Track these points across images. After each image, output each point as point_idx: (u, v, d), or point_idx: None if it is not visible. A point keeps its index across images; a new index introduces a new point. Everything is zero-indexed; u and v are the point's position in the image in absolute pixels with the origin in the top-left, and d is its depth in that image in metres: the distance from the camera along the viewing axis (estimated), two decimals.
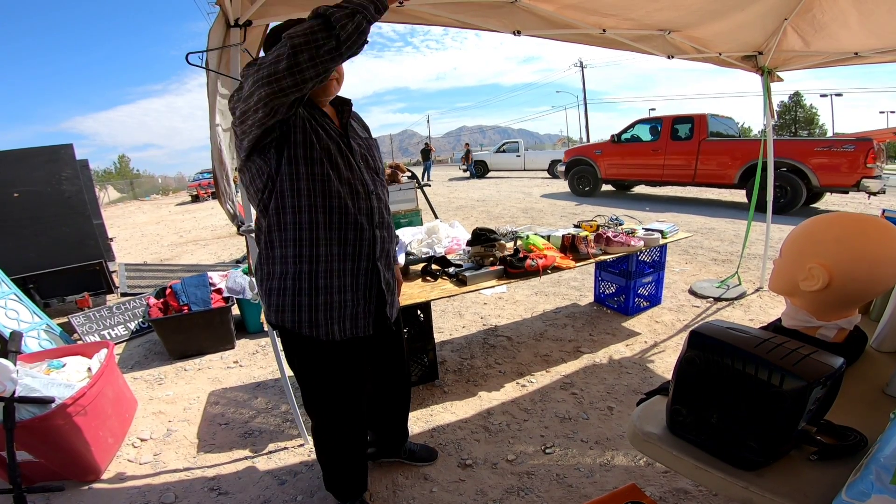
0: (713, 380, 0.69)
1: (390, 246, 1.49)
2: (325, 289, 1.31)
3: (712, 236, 5.67)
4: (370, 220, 1.37)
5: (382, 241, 1.43)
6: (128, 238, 9.28)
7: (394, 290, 1.53)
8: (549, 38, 2.67)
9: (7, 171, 3.60)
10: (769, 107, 3.48)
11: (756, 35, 3.11)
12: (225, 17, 1.77)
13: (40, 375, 2.08)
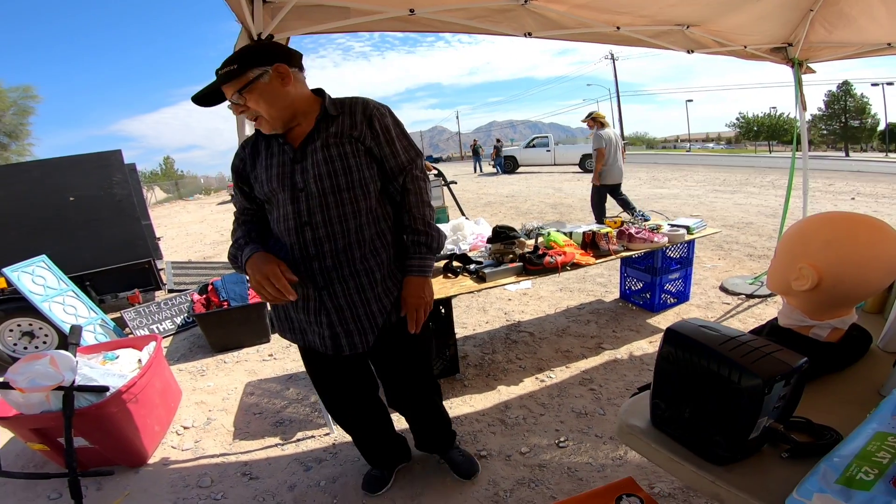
0: (685, 376, 0.73)
1: (346, 272, 1.33)
2: (288, 308, 1.43)
3: (749, 231, 5.49)
4: (304, 254, 1.31)
5: (324, 271, 1.32)
6: (174, 237, 9.79)
7: (354, 318, 1.37)
8: (562, 39, 2.67)
9: (63, 177, 3.90)
10: (801, 99, 3.37)
11: (779, 27, 3.01)
12: (248, 33, 1.88)
13: (97, 366, 2.27)
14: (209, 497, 1.90)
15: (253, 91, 1.23)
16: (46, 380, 1.86)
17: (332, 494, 1.84)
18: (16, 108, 17.26)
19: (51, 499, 1.99)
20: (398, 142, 1.37)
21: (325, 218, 1.30)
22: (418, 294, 1.41)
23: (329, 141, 1.31)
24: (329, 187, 1.29)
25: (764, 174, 12.14)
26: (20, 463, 2.26)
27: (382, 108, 1.37)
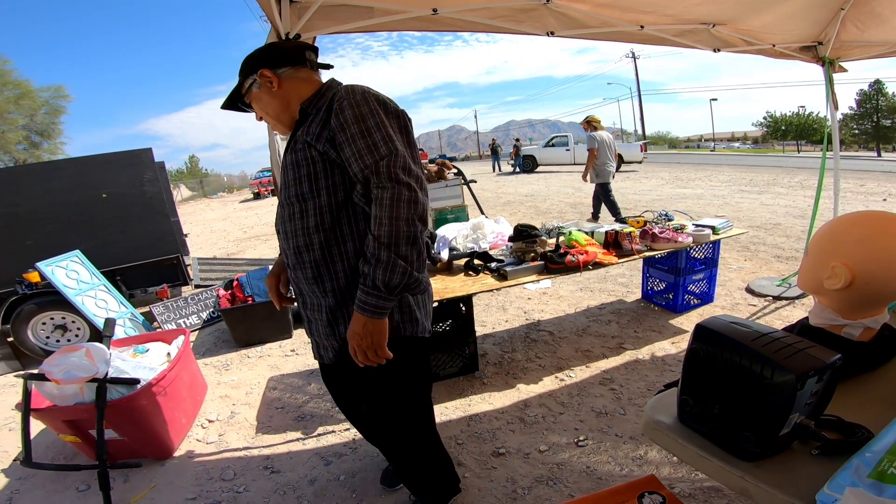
0: (715, 371, 0.73)
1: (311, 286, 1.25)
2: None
3: (777, 232, 5.35)
4: (286, 261, 1.31)
5: (294, 280, 1.29)
6: (198, 234, 10.04)
7: (316, 331, 1.32)
8: (585, 38, 2.66)
9: (96, 175, 4.04)
10: (832, 98, 3.29)
11: (808, 26, 2.95)
12: (276, 32, 1.92)
13: (128, 359, 2.33)
14: (232, 490, 1.93)
15: (252, 99, 1.27)
16: (81, 371, 1.90)
17: (352, 489, 1.86)
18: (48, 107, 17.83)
19: (79, 491, 2.02)
20: (359, 140, 1.09)
21: (284, 230, 1.26)
22: (354, 332, 1.13)
23: (296, 146, 1.20)
24: (285, 198, 1.23)
25: (792, 174, 11.81)
26: (50, 455, 2.32)
27: (345, 98, 1.12)
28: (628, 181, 12.34)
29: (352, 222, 1.19)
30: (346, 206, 1.18)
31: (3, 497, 2.05)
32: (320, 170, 1.16)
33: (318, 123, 1.16)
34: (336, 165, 1.15)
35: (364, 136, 1.09)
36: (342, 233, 1.19)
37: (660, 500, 1.08)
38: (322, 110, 1.18)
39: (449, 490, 1.66)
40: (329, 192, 1.17)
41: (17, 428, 2.58)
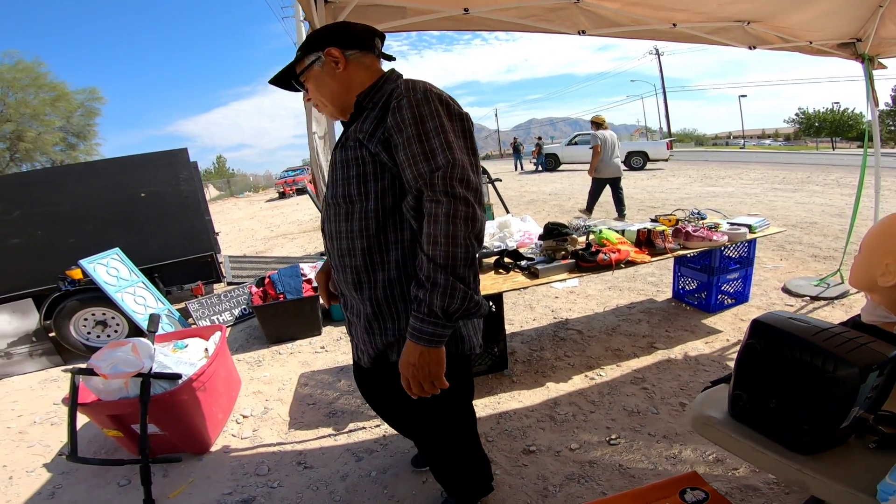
0: (772, 366, 0.73)
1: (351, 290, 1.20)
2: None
3: (813, 231, 5.19)
4: (331, 263, 1.27)
5: (339, 282, 1.25)
6: (228, 233, 10.27)
7: (356, 334, 1.27)
8: (616, 36, 2.64)
9: (135, 174, 4.18)
10: (872, 94, 3.18)
11: (846, 23, 2.86)
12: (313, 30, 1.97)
13: (170, 354, 2.38)
14: (266, 485, 1.96)
15: (309, 77, 1.17)
16: (128, 366, 1.95)
17: (383, 485, 1.88)
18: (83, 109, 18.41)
19: (120, 486, 2.07)
20: (415, 144, 1.00)
21: (328, 230, 1.20)
22: (407, 362, 1.04)
23: (347, 142, 1.13)
24: (331, 197, 1.17)
25: (828, 172, 11.41)
26: (91, 449, 2.37)
27: (405, 96, 1.03)
28: (654, 179, 12.12)
29: (397, 231, 1.11)
30: (394, 213, 1.10)
31: (47, 492, 2.10)
32: (370, 171, 1.08)
33: (373, 120, 1.07)
34: (388, 169, 1.07)
35: (421, 140, 0.99)
36: (386, 241, 1.11)
37: (702, 496, 1.07)
38: (378, 106, 1.09)
39: (482, 489, 1.64)
40: (377, 196, 1.08)
41: (59, 422, 2.70)
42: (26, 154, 16.80)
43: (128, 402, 1.98)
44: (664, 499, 1.06)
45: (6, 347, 3.55)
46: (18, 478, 2.24)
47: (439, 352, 1.02)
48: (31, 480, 2.21)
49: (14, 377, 3.53)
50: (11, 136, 16.48)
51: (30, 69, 16.43)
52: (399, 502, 1.78)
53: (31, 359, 3.62)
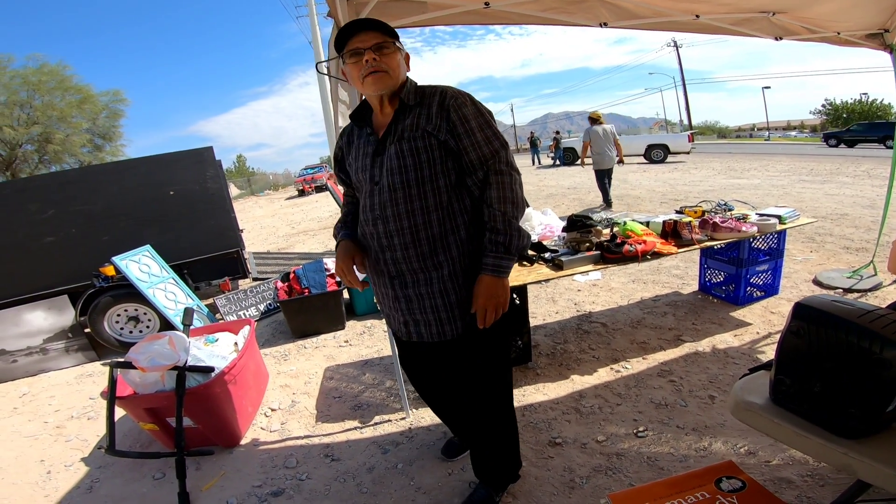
0: (817, 350, 0.72)
1: (415, 265, 1.37)
2: (374, 286, 1.54)
3: (844, 223, 5.04)
4: (379, 245, 1.39)
5: (395, 262, 1.38)
6: (250, 230, 10.44)
7: (420, 309, 1.40)
8: (638, 28, 2.60)
9: (163, 173, 4.29)
10: None
11: (874, 14, 2.78)
12: (337, 28, 1.98)
13: (203, 348, 2.43)
14: (295, 477, 1.99)
15: (389, 51, 1.30)
16: (165, 359, 1.99)
17: (409, 477, 1.90)
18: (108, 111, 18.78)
19: (155, 479, 2.11)
20: (477, 133, 1.32)
21: (394, 213, 1.33)
22: (489, 294, 1.32)
23: (403, 134, 1.32)
24: (399, 182, 1.32)
25: (857, 163, 11.04)
26: (127, 443, 2.42)
27: (462, 97, 1.33)
28: (676, 172, 11.90)
29: (461, 201, 1.36)
30: (457, 186, 1.36)
31: (85, 486, 2.15)
32: (438, 156, 1.31)
33: (431, 116, 1.31)
34: (451, 152, 1.32)
35: (482, 129, 1.32)
36: (454, 210, 1.35)
37: (739, 485, 1.06)
38: (423, 104, 1.33)
39: (513, 473, 1.72)
40: (446, 175, 1.33)
41: (95, 417, 2.79)
42: (55, 156, 17.26)
43: (164, 395, 2.03)
44: (699, 487, 1.06)
45: (43, 343, 3.68)
46: (57, 472, 2.30)
47: (508, 281, 1.35)
48: (69, 475, 2.27)
49: (51, 372, 3.64)
50: (39, 138, 16.91)
51: (55, 72, 16.78)
52: (426, 494, 1.80)
53: (67, 354, 3.74)
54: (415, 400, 2.46)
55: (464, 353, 1.47)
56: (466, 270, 1.37)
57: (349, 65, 1.31)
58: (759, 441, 1.82)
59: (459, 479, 1.84)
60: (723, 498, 0.99)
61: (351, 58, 1.30)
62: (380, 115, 1.38)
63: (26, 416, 2.98)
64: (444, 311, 1.39)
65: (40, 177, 5.55)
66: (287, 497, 1.89)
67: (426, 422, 2.26)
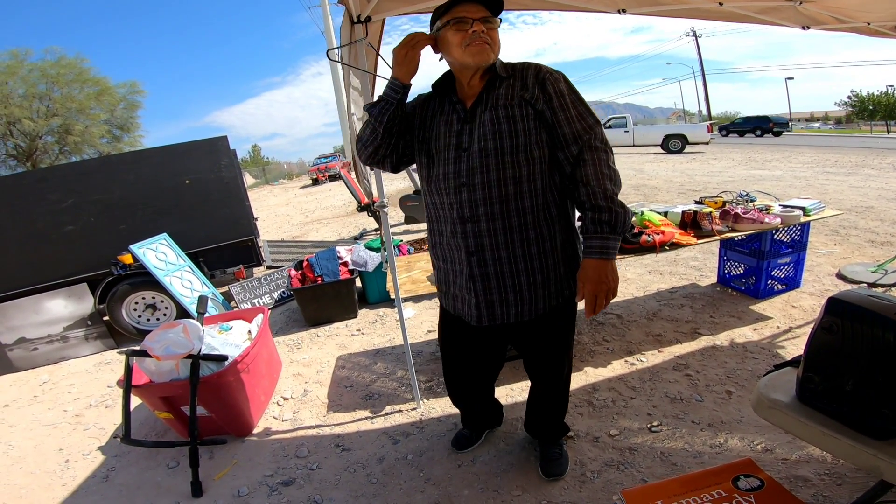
0: (851, 347, 0.68)
1: (499, 239, 1.33)
2: (439, 267, 1.51)
3: (870, 216, 4.88)
4: (460, 215, 1.34)
5: (477, 235, 1.33)
6: (265, 218, 10.53)
7: (500, 288, 1.37)
8: (658, 15, 2.50)
9: (179, 162, 4.31)
10: None
11: None
12: (349, 15, 1.94)
13: (216, 336, 2.43)
14: (306, 467, 1.99)
15: (493, 27, 1.31)
16: (179, 348, 2.00)
17: (419, 468, 1.89)
18: (125, 102, 19.05)
19: (169, 467, 2.12)
20: (573, 108, 1.29)
21: (483, 180, 1.29)
22: (599, 279, 1.26)
23: (498, 102, 1.30)
24: (492, 149, 1.28)
25: (883, 156, 10.70)
26: (143, 432, 2.44)
27: (556, 72, 1.32)
28: (695, 162, 11.66)
29: (552, 176, 1.33)
30: (550, 161, 1.32)
31: (101, 474, 2.17)
32: (533, 126, 1.28)
33: (532, 87, 1.29)
34: (546, 124, 1.29)
35: (576, 105, 1.29)
36: (546, 185, 1.31)
37: (757, 484, 1.03)
38: (517, 77, 1.32)
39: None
40: (540, 147, 1.29)
41: (113, 405, 2.82)
42: (75, 147, 17.58)
43: (178, 383, 2.03)
44: (716, 485, 1.03)
45: (63, 331, 3.75)
46: (75, 461, 2.33)
47: (615, 264, 1.28)
48: (86, 463, 2.29)
49: (71, 360, 3.70)
50: (60, 129, 17.23)
51: (73, 65, 17.03)
52: (435, 485, 1.79)
53: (86, 342, 3.81)
54: (426, 390, 2.46)
55: (544, 332, 1.47)
56: (555, 249, 1.34)
57: (451, 30, 1.28)
58: (777, 438, 1.78)
59: (469, 471, 1.83)
60: (740, 497, 0.96)
61: (455, 24, 1.28)
62: (466, 87, 1.36)
63: (46, 404, 3.03)
64: (528, 290, 1.35)
65: (60, 167, 5.63)
66: (297, 486, 1.90)
67: (437, 413, 2.25)
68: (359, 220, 8.17)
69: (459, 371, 1.74)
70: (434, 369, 2.64)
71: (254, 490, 1.91)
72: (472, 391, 1.81)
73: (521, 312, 1.38)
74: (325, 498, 1.81)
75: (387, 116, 1.34)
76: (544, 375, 1.64)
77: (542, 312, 1.39)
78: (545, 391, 1.69)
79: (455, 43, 1.28)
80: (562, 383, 1.67)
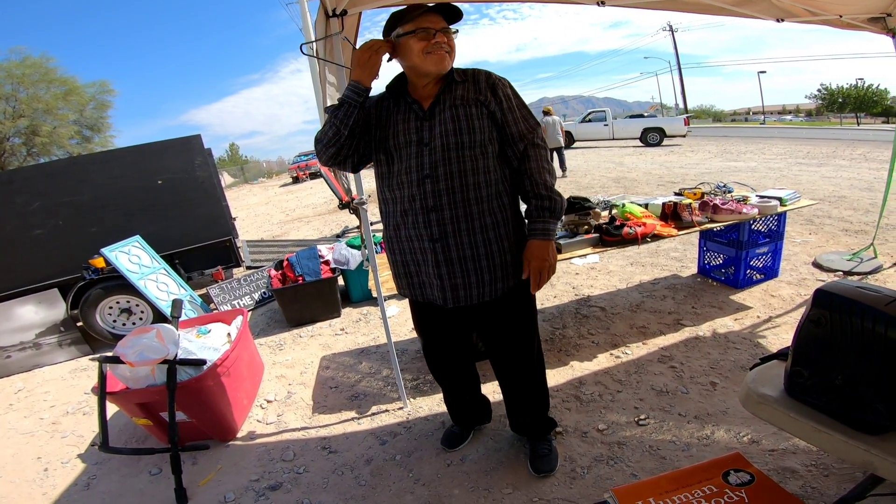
0: (840, 340, 0.67)
1: (461, 226, 1.43)
2: (398, 261, 1.59)
3: (843, 205, 5.01)
4: (423, 205, 1.42)
5: (441, 223, 1.42)
6: (244, 218, 10.36)
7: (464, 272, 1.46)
8: (636, 7, 2.50)
9: (151, 162, 4.19)
10: None
11: None
12: (324, 9, 1.89)
13: (194, 340, 2.36)
14: (292, 471, 1.96)
15: (452, 37, 1.43)
16: (154, 353, 1.94)
17: (408, 468, 1.87)
18: (95, 102, 18.49)
19: (152, 474, 2.07)
20: (518, 110, 1.47)
21: (446, 171, 1.40)
22: (542, 256, 1.45)
23: (456, 102, 1.43)
24: (453, 143, 1.40)
25: (853, 147, 10.99)
26: (122, 439, 2.38)
27: (503, 79, 1.48)
28: (672, 155, 11.83)
29: (503, 169, 1.49)
30: (500, 156, 1.48)
31: (82, 483, 2.11)
32: (486, 124, 1.43)
33: (484, 90, 1.43)
34: (496, 124, 1.45)
35: (521, 108, 1.48)
36: (499, 176, 1.47)
37: (747, 478, 1.03)
38: (470, 81, 1.45)
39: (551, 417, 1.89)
40: (492, 143, 1.44)
41: (90, 412, 2.73)
42: (43, 148, 17.01)
43: (155, 389, 1.98)
44: (707, 481, 1.02)
45: (35, 338, 3.62)
46: (54, 469, 2.27)
47: (554, 244, 1.49)
48: (66, 472, 2.23)
49: (45, 367, 3.59)
50: (27, 131, 16.64)
51: (38, 65, 16.46)
52: (425, 486, 1.77)
53: (60, 349, 3.69)
54: (412, 389, 2.43)
55: (506, 311, 1.57)
56: (509, 234, 1.48)
57: (414, 38, 1.37)
58: (763, 429, 1.79)
59: (459, 470, 1.81)
60: (731, 492, 0.95)
61: (418, 33, 1.37)
62: (421, 88, 1.46)
63: (22, 412, 2.94)
64: (488, 272, 1.47)
65: (25, 168, 5.44)
66: (285, 491, 1.86)
67: (424, 412, 2.23)
68: (341, 217, 8.07)
69: (439, 353, 1.79)
70: (420, 367, 2.61)
71: (240, 495, 1.87)
72: (453, 371, 1.83)
73: (482, 293, 1.49)
74: (313, 501, 1.78)
75: (352, 119, 1.41)
76: (515, 361, 1.69)
77: (501, 293, 1.51)
78: (519, 379, 1.73)
79: (417, 51, 1.38)
80: (534, 371, 1.72)
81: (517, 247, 1.50)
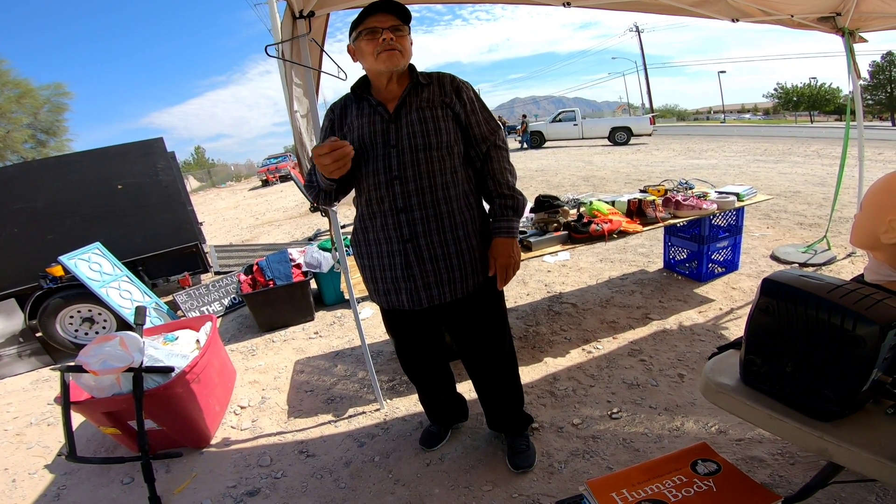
0: (787, 328, 0.71)
1: (432, 226, 1.44)
2: (366, 266, 1.58)
3: (797, 200, 5.26)
4: (393, 207, 1.43)
5: (411, 224, 1.43)
6: (212, 223, 10.07)
7: (435, 270, 1.47)
8: (601, 8, 2.58)
9: (111, 166, 4.04)
10: (854, 68, 3.19)
11: None
12: (291, 10, 1.87)
13: (161, 347, 2.31)
14: (270, 476, 1.94)
15: (402, 34, 1.41)
16: (117, 361, 1.88)
17: (387, 469, 1.87)
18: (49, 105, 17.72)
19: (124, 483, 2.03)
20: (481, 113, 1.51)
21: (415, 172, 1.41)
22: (507, 254, 1.49)
23: (422, 104, 1.44)
24: (421, 145, 1.41)
25: (807, 144, 11.54)
26: (91, 448, 2.32)
27: (466, 83, 1.51)
28: (639, 153, 12.14)
29: (467, 169, 1.52)
30: (465, 157, 1.51)
31: (52, 493, 2.06)
32: (452, 126, 1.45)
33: (449, 93, 1.46)
34: (461, 125, 1.48)
35: (483, 111, 1.52)
36: (465, 176, 1.50)
37: (714, 468, 1.07)
38: (435, 84, 1.47)
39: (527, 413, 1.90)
40: (458, 143, 1.47)
41: (55, 422, 2.62)
42: None
43: (121, 398, 1.93)
44: (676, 471, 1.06)
45: None
46: (21, 480, 2.19)
47: (517, 241, 1.55)
48: (34, 482, 2.16)
49: (5, 379, 3.44)
50: None
51: None
52: (405, 486, 1.77)
53: (20, 360, 3.54)
54: (388, 390, 2.42)
55: (477, 309, 1.59)
56: (476, 232, 1.51)
57: (364, 40, 1.38)
58: (729, 419, 1.86)
59: (438, 469, 1.82)
60: (700, 481, 0.99)
61: (367, 35, 1.37)
62: (384, 90, 1.46)
63: None
64: (459, 269, 1.48)
65: None
66: (263, 496, 1.83)
67: (401, 412, 2.23)
68: (313, 220, 7.96)
69: (412, 353, 1.79)
70: (395, 368, 2.61)
71: (218, 502, 1.84)
72: (427, 370, 1.83)
73: (454, 290, 1.50)
74: None
75: (334, 191, 1.48)
76: (487, 357, 1.70)
77: (471, 290, 1.53)
78: (492, 375, 1.74)
79: (368, 52, 1.38)
80: (507, 366, 1.74)
81: (484, 244, 1.53)
